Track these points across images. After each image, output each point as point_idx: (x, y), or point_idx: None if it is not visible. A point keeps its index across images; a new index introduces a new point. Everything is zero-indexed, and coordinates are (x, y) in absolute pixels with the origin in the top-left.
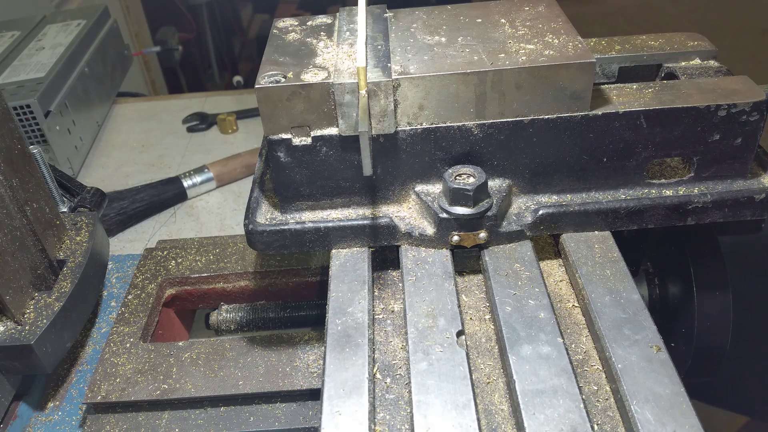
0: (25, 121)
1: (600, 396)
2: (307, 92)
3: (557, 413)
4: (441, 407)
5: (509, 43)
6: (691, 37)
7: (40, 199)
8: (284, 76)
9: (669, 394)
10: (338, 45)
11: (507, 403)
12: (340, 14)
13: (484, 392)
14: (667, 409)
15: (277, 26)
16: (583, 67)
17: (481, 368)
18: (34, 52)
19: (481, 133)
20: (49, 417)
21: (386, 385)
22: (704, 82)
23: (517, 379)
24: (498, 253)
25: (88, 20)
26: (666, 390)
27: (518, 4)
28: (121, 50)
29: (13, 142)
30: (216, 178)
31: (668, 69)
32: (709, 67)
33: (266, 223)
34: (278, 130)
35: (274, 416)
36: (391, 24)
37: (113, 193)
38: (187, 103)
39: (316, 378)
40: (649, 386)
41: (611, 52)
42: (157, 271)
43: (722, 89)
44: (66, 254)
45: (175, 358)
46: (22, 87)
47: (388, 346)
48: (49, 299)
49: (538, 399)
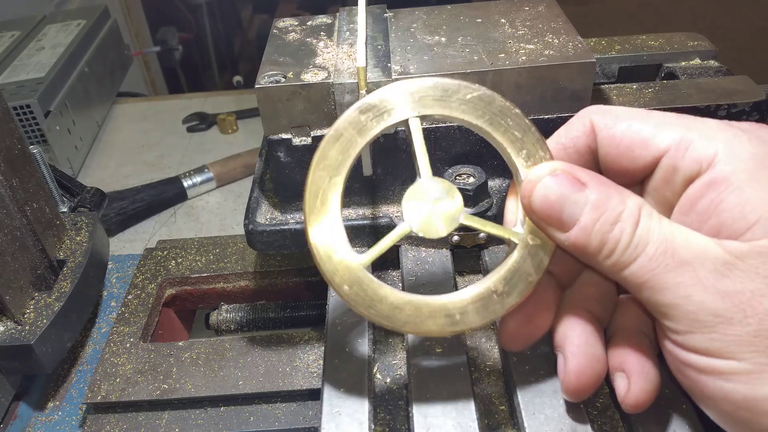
0: (25, 121)
1: (600, 396)
2: (307, 92)
3: (557, 413)
4: (441, 407)
5: (509, 43)
6: (691, 37)
7: (40, 199)
8: (284, 76)
9: (669, 394)
10: (338, 45)
11: (507, 403)
12: (340, 14)
13: (484, 392)
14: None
15: (277, 26)
16: (583, 67)
17: (481, 368)
18: (34, 52)
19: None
20: (49, 417)
21: (386, 385)
22: (704, 82)
23: (517, 379)
24: (498, 253)
25: (88, 20)
26: (666, 390)
27: (518, 4)
28: (121, 50)
29: (13, 142)
30: (216, 178)
31: (668, 69)
32: (709, 67)
33: (266, 223)
34: (278, 130)
35: (274, 416)
36: (391, 24)
37: (113, 193)
38: (187, 103)
39: (316, 378)
40: None
41: (611, 52)
42: (157, 271)
43: (722, 89)
44: (66, 254)
45: (175, 358)
46: (22, 87)
47: (388, 346)
48: (49, 299)
49: (538, 399)
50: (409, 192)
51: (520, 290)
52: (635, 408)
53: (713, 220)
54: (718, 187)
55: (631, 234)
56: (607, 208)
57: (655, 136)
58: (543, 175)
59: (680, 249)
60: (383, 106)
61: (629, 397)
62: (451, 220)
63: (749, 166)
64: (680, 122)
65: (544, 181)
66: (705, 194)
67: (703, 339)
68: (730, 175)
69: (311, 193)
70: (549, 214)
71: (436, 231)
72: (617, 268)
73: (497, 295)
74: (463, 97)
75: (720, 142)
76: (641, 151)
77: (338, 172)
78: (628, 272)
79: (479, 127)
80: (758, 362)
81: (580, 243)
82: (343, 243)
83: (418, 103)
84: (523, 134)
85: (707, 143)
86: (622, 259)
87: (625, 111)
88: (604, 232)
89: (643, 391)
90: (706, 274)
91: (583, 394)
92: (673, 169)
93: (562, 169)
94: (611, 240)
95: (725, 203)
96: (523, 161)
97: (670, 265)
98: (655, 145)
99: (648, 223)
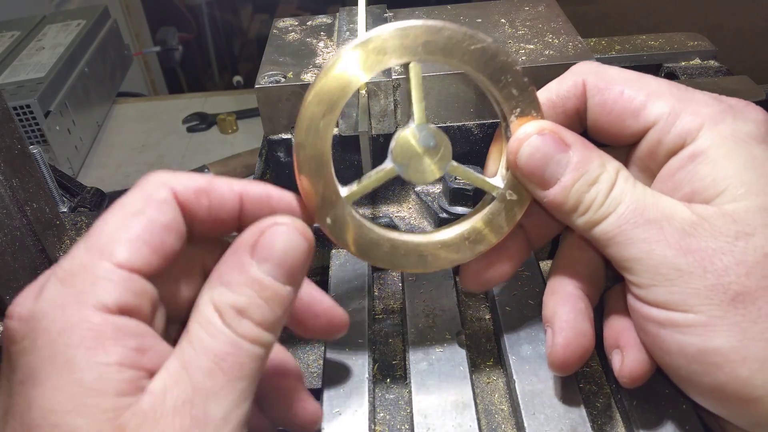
0: (25, 121)
1: (600, 396)
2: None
3: (557, 413)
4: (441, 407)
5: (509, 43)
6: (691, 37)
7: (40, 199)
8: (284, 76)
9: (669, 394)
10: (338, 45)
11: (507, 403)
12: (340, 14)
13: (484, 392)
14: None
15: (277, 26)
16: None
17: (481, 368)
18: (34, 52)
19: (481, 133)
20: None
21: (386, 385)
22: (704, 82)
23: (517, 379)
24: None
25: (88, 20)
26: (666, 390)
27: (518, 4)
28: (121, 50)
29: (13, 142)
30: None
31: (668, 69)
32: (709, 67)
33: None
34: (278, 130)
35: None
36: None
37: (113, 193)
38: (187, 103)
39: (316, 378)
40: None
41: (611, 52)
42: None
43: (722, 89)
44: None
45: None
46: (22, 87)
47: (388, 346)
48: None
49: (538, 399)
50: (399, 137)
51: (490, 240)
52: (631, 380)
53: (687, 187)
54: (696, 158)
55: (606, 195)
56: (588, 170)
57: (646, 107)
58: (530, 134)
59: (649, 209)
60: (386, 45)
61: (624, 369)
62: (438, 168)
63: (728, 141)
64: (671, 93)
65: (530, 140)
66: (684, 166)
67: (664, 292)
68: (708, 148)
69: (303, 127)
70: (532, 172)
71: (422, 177)
72: (589, 226)
73: (468, 242)
74: (467, 48)
75: (706, 117)
76: (631, 121)
77: (332, 108)
78: (599, 229)
79: (479, 78)
80: (713, 315)
81: (558, 201)
82: (330, 178)
83: (422, 48)
84: (520, 93)
85: (693, 118)
86: (594, 217)
87: (618, 73)
88: (581, 192)
89: (637, 362)
90: (672, 232)
91: (569, 368)
92: (658, 143)
93: (550, 129)
94: (586, 199)
95: (699, 173)
96: (514, 118)
97: (637, 222)
98: (644, 117)
99: (623, 186)
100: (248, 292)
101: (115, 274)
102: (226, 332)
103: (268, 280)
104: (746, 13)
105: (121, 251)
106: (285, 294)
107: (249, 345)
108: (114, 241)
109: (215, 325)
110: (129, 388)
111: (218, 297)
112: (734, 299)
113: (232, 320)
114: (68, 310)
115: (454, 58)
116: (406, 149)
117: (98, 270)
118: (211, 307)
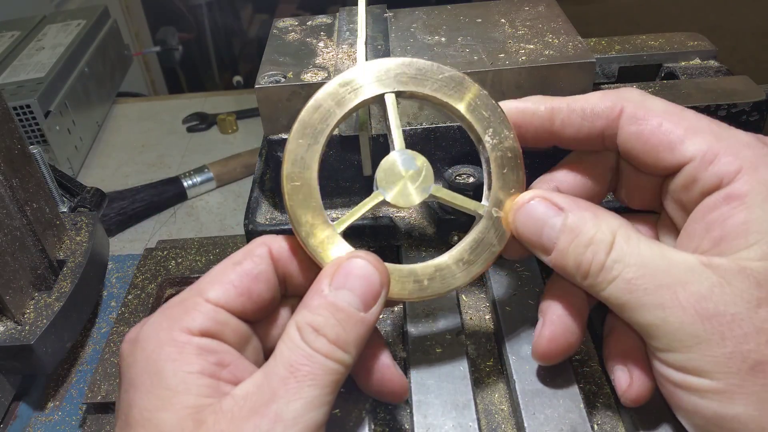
0: (25, 121)
1: (600, 396)
2: (307, 92)
3: (557, 413)
4: (441, 407)
5: (509, 43)
6: (691, 37)
7: (40, 199)
8: (284, 76)
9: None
10: (338, 45)
11: (507, 403)
12: (340, 14)
13: (484, 392)
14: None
15: (277, 26)
16: (583, 67)
17: (481, 368)
18: (34, 52)
19: None
20: (49, 417)
21: None
22: (704, 81)
23: (517, 379)
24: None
25: (88, 20)
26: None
27: (518, 4)
28: (121, 50)
29: (13, 142)
30: (216, 178)
31: (668, 69)
32: (709, 67)
33: (266, 223)
34: (278, 130)
35: None
36: (391, 24)
37: (113, 193)
38: (187, 103)
39: None
40: None
41: (611, 52)
42: (157, 271)
43: (722, 89)
44: (66, 254)
45: None
46: (22, 87)
47: (388, 346)
48: (49, 299)
49: (538, 399)
50: (383, 163)
51: (484, 259)
52: (635, 403)
53: (717, 231)
54: (732, 202)
55: (604, 257)
56: (581, 231)
57: (683, 142)
58: (523, 203)
59: (661, 273)
60: (361, 81)
61: (631, 392)
62: (421, 191)
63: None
64: (711, 130)
65: (523, 209)
66: (718, 207)
67: (682, 358)
68: (746, 194)
69: (290, 159)
70: (530, 238)
71: (408, 200)
72: (596, 289)
73: (463, 263)
74: (435, 77)
75: (746, 160)
76: (666, 155)
77: (317, 140)
78: (607, 293)
79: (449, 105)
80: (731, 383)
81: (559, 264)
82: (318, 210)
83: (394, 79)
84: (491, 114)
85: (732, 159)
86: (597, 280)
87: (659, 105)
88: (578, 254)
89: (645, 387)
90: (687, 296)
91: (550, 360)
92: (694, 179)
93: (541, 196)
94: (584, 262)
95: (733, 219)
96: (489, 138)
97: (648, 289)
98: (681, 153)
99: (624, 247)
100: (324, 313)
101: (204, 307)
102: (303, 346)
103: (343, 303)
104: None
105: (213, 291)
106: (358, 318)
107: (323, 359)
108: (210, 283)
109: (294, 341)
110: (210, 391)
111: (299, 318)
112: (753, 368)
113: (308, 336)
114: (161, 333)
115: (425, 87)
116: (389, 173)
117: (191, 303)
118: (294, 327)
